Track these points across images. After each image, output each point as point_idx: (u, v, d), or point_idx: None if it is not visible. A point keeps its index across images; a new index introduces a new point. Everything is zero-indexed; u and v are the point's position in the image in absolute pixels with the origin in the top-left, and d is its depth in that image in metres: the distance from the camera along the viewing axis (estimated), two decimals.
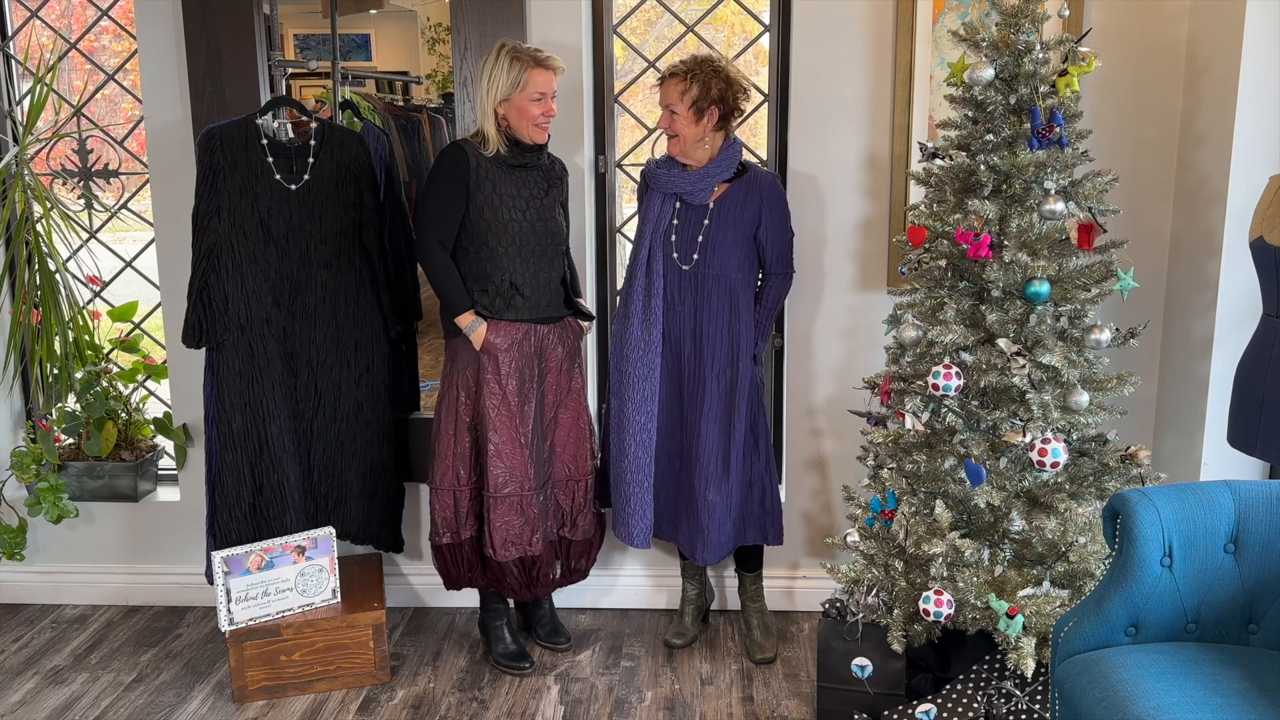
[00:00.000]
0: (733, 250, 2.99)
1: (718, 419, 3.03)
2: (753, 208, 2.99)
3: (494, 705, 2.98)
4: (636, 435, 3.04)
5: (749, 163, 3.09)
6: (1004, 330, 2.54)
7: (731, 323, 3.01)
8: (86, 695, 3.05)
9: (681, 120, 2.92)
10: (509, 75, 2.83)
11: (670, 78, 2.92)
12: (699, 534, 3.06)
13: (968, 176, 2.61)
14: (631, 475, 3.06)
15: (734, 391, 3.01)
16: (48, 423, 3.49)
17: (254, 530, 3.11)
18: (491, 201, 2.89)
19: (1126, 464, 2.57)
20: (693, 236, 2.99)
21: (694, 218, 3.00)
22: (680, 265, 3.00)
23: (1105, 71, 3.03)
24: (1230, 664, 2.03)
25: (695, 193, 2.98)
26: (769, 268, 3.07)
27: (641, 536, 3.09)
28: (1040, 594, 2.50)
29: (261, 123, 3.02)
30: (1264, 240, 2.35)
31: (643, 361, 3.02)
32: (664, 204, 3.02)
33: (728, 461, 3.03)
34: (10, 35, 3.50)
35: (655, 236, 3.01)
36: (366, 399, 3.15)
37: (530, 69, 2.83)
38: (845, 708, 2.74)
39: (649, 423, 3.05)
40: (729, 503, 3.06)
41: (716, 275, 2.99)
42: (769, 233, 3.02)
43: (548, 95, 2.88)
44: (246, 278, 3.01)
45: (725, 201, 2.99)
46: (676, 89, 2.90)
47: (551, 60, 2.88)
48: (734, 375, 3.02)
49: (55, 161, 3.64)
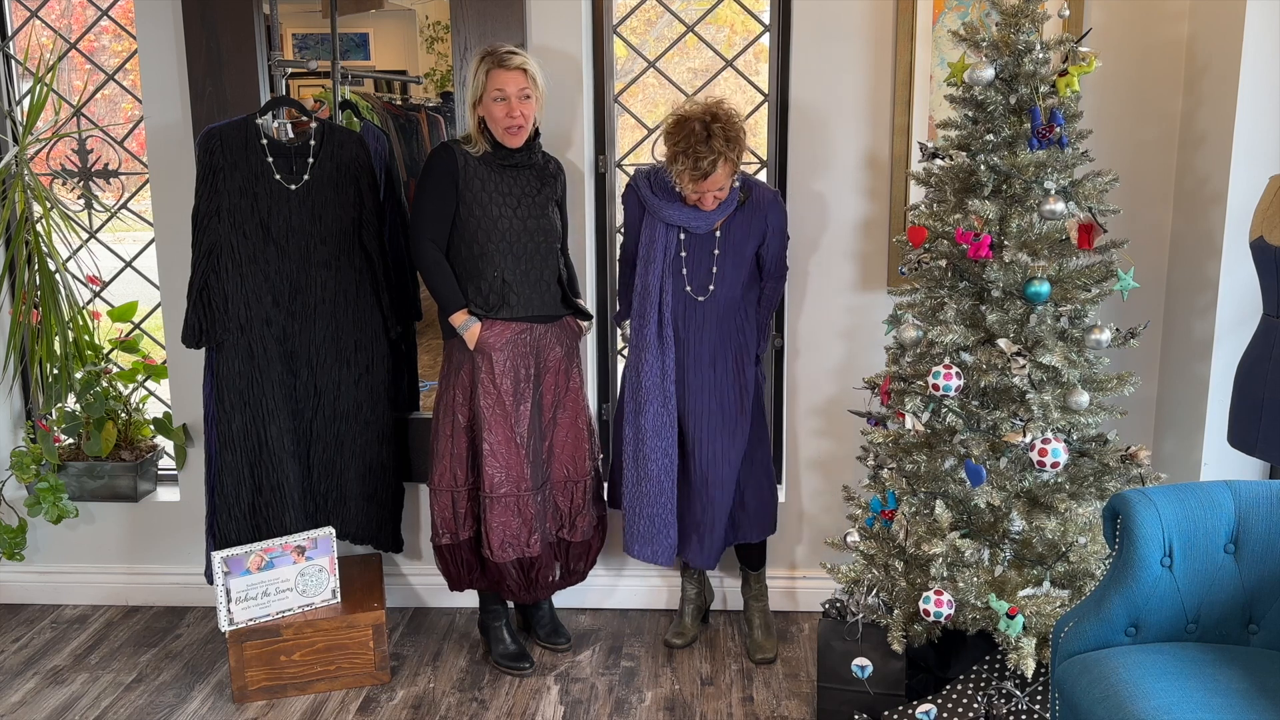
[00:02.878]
0: (739, 275, 3.00)
1: (728, 434, 3.04)
2: (758, 230, 2.98)
3: (494, 705, 2.98)
4: (659, 460, 3.03)
5: (746, 180, 3.01)
6: (1004, 330, 2.54)
7: (737, 337, 3.03)
8: (86, 695, 3.05)
9: (728, 186, 2.88)
10: (476, 77, 2.84)
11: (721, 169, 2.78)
12: (707, 543, 3.08)
13: (968, 176, 2.61)
14: (654, 499, 3.05)
15: (741, 406, 3.04)
16: (47, 423, 3.49)
17: (254, 530, 3.11)
18: (481, 200, 2.89)
19: (1126, 464, 2.57)
20: (705, 268, 2.98)
21: (702, 248, 2.98)
22: (695, 297, 2.99)
23: (1105, 71, 3.03)
24: (1230, 664, 2.03)
25: (700, 225, 2.95)
26: (767, 273, 3.07)
27: (666, 555, 3.09)
28: (1040, 594, 2.50)
29: (261, 123, 3.02)
30: (1264, 240, 2.35)
31: (659, 389, 3.01)
32: (667, 233, 2.97)
33: (734, 466, 3.06)
34: (10, 35, 3.50)
35: (665, 265, 2.98)
36: (366, 399, 3.15)
37: (492, 69, 2.81)
38: (845, 708, 2.74)
39: (670, 448, 3.04)
40: (728, 511, 3.08)
41: (727, 299, 3.00)
42: (771, 247, 3.02)
43: (511, 95, 2.81)
44: (246, 278, 3.01)
45: (730, 229, 2.97)
46: (726, 171, 2.81)
47: (509, 59, 2.81)
48: (742, 385, 3.04)
49: (55, 161, 3.64)
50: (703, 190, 2.84)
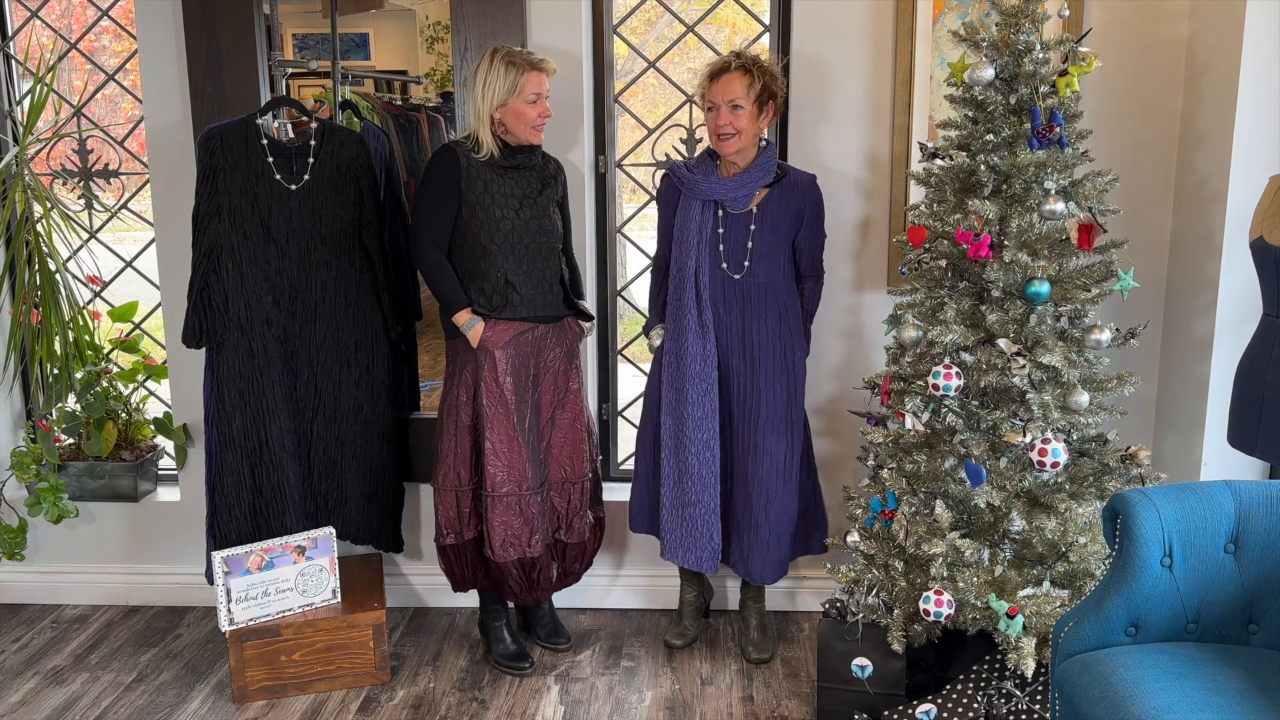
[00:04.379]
0: (777, 256, 2.93)
1: (775, 431, 2.95)
2: (794, 211, 2.94)
3: (494, 705, 2.98)
4: (700, 454, 2.94)
5: (784, 164, 3.01)
6: (1004, 330, 2.54)
7: (781, 330, 2.95)
8: (86, 695, 3.05)
9: (745, 116, 2.80)
10: (505, 80, 2.84)
11: (732, 70, 2.79)
12: (757, 551, 2.98)
13: (968, 176, 2.61)
14: (697, 496, 2.95)
15: (791, 402, 2.97)
16: (48, 423, 3.49)
17: (254, 530, 3.11)
18: (484, 201, 2.90)
19: (1126, 464, 2.57)
20: (741, 244, 2.90)
21: (739, 225, 2.91)
22: (731, 275, 2.92)
23: (1105, 71, 3.03)
24: (1230, 664, 2.03)
25: (738, 199, 2.90)
26: (803, 270, 3.03)
27: (710, 560, 2.99)
28: (1040, 594, 2.50)
29: (262, 123, 3.02)
30: (1264, 240, 2.35)
31: (701, 377, 2.93)
32: (704, 211, 2.91)
33: (788, 473, 2.97)
34: (10, 35, 3.50)
35: (701, 245, 2.92)
36: (366, 399, 3.15)
37: (526, 73, 2.84)
38: (845, 708, 2.74)
39: (712, 440, 2.94)
40: (788, 516, 2.99)
41: (764, 283, 2.92)
42: (808, 235, 2.97)
43: (543, 96, 2.90)
44: (246, 278, 3.01)
45: (768, 207, 2.92)
46: (742, 83, 2.78)
47: (545, 63, 2.89)
48: (790, 384, 2.96)
49: (55, 161, 3.64)
50: (717, 98, 2.80)
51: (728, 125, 2.82)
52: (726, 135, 2.84)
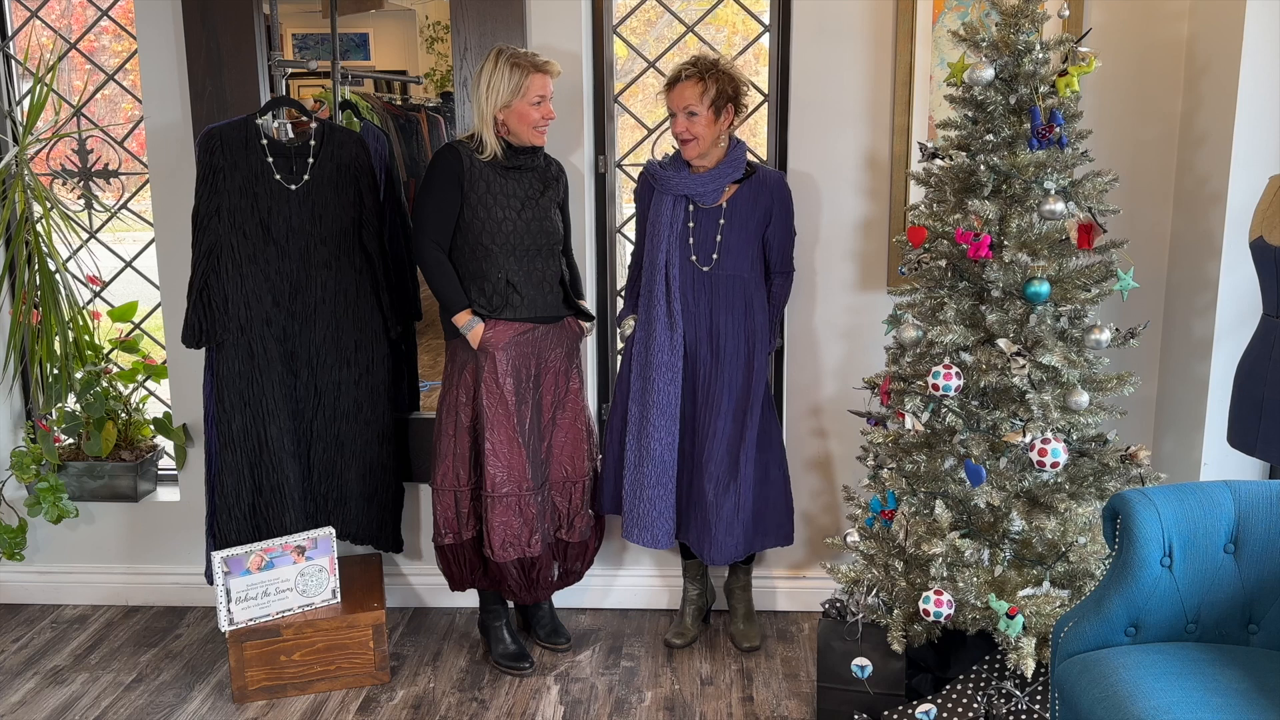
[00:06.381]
0: (745, 250, 3.02)
1: (733, 419, 3.03)
2: (764, 207, 3.03)
3: (494, 705, 2.98)
4: (660, 438, 3.04)
5: (754, 162, 3.11)
6: (1004, 330, 2.54)
7: (746, 322, 3.04)
8: (86, 695, 3.05)
9: (701, 121, 2.91)
10: (509, 82, 2.84)
11: (685, 80, 2.90)
12: (706, 534, 3.05)
13: (968, 176, 2.61)
14: (654, 479, 3.05)
15: (749, 392, 3.04)
16: (48, 423, 3.49)
17: (254, 530, 3.11)
18: (486, 201, 2.90)
19: (1126, 464, 2.57)
20: (710, 238, 3.01)
21: (708, 219, 3.01)
22: (700, 267, 3.01)
23: (1105, 71, 3.03)
24: (1230, 664, 2.03)
25: (707, 194, 2.99)
26: (772, 266, 3.10)
27: (665, 537, 3.09)
28: (1040, 594, 2.50)
29: (261, 123, 3.02)
30: (1264, 240, 2.35)
31: (667, 366, 3.03)
32: (675, 206, 3.01)
33: (737, 462, 3.03)
34: (10, 35, 3.50)
35: (671, 239, 3.01)
36: (366, 399, 3.15)
37: (530, 74, 2.85)
38: (845, 708, 2.74)
39: (673, 425, 3.05)
40: (737, 504, 3.04)
41: (732, 276, 3.02)
42: (776, 231, 3.06)
43: (547, 98, 2.90)
44: (246, 278, 3.01)
45: (737, 202, 3.01)
46: (694, 90, 2.89)
47: (550, 65, 2.90)
48: (750, 375, 3.04)
49: (55, 161, 3.64)
50: (674, 106, 2.92)
51: (684, 131, 2.94)
52: (685, 140, 2.96)
